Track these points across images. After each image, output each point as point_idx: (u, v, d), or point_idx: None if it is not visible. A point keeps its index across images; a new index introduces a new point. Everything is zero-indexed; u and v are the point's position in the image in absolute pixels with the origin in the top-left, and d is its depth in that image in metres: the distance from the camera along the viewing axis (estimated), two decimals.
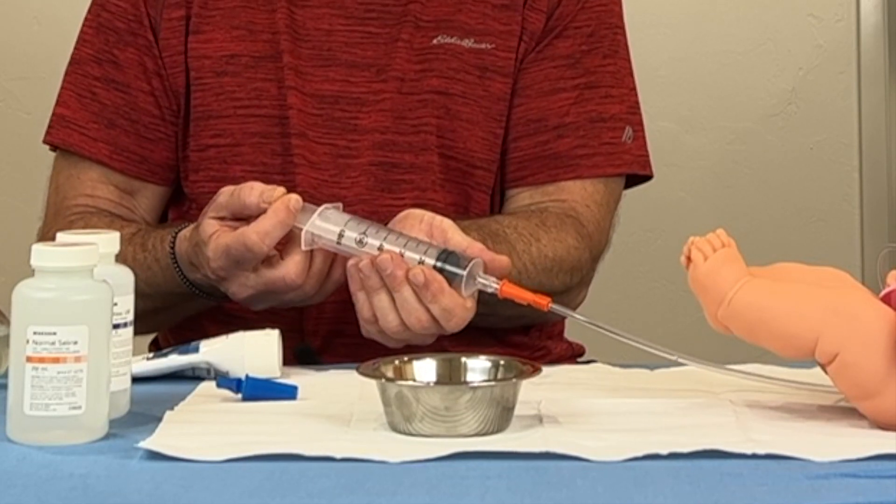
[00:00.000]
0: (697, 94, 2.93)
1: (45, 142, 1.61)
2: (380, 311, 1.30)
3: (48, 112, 1.61)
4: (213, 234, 1.35)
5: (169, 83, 1.57)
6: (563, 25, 1.59)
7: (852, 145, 2.93)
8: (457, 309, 1.29)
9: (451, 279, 1.28)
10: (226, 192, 1.36)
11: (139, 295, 1.41)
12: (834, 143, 2.93)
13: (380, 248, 1.30)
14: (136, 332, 1.56)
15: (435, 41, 1.56)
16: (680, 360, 1.23)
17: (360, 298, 1.31)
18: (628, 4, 1.65)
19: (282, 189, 1.34)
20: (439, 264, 1.28)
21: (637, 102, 1.62)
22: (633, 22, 1.65)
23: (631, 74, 1.63)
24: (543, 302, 1.25)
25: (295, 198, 1.32)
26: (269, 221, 1.32)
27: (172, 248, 1.43)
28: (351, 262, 1.31)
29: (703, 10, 2.93)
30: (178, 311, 1.52)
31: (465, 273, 1.28)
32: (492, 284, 1.27)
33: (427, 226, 1.34)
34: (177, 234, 1.44)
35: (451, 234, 1.32)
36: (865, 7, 2.92)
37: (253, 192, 1.34)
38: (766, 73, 2.93)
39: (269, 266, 1.35)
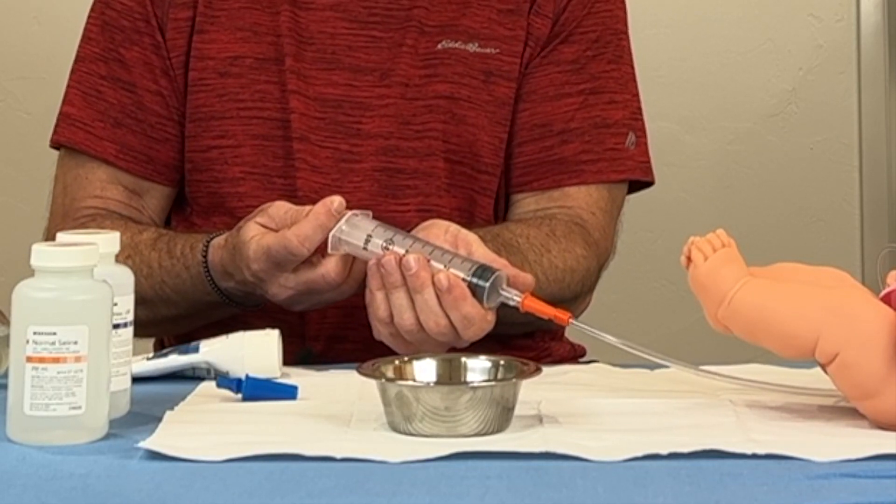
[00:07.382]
0: (697, 94, 2.92)
1: (52, 142, 1.60)
2: (396, 309, 1.29)
3: (48, 112, 1.60)
4: (255, 237, 1.34)
5: (176, 83, 1.56)
6: (569, 31, 1.59)
7: (852, 145, 2.93)
8: (477, 318, 1.28)
9: (473, 290, 1.28)
10: (281, 207, 1.36)
11: (165, 301, 1.46)
12: (834, 143, 2.93)
13: None
14: (161, 335, 1.58)
15: (440, 46, 1.56)
16: (674, 367, 1.23)
17: (377, 298, 1.30)
18: (628, 5, 1.65)
19: (338, 198, 1.33)
20: (468, 277, 1.27)
21: (640, 108, 1.61)
22: (633, 22, 1.65)
23: (634, 80, 1.62)
24: (564, 317, 1.24)
25: (338, 200, 1.32)
26: (310, 225, 1.31)
27: (205, 256, 1.42)
28: (373, 260, 1.29)
29: (703, 10, 2.93)
30: (204, 317, 1.50)
31: (487, 284, 1.27)
32: (514, 297, 1.27)
33: (452, 237, 1.33)
34: (209, 241, 1.43)
35: (476, 247, 1.32)
36: (865, 7, 2.91)
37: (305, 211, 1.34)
38: (766, 73, 2.93)
39: (310, 266, 1.34)
